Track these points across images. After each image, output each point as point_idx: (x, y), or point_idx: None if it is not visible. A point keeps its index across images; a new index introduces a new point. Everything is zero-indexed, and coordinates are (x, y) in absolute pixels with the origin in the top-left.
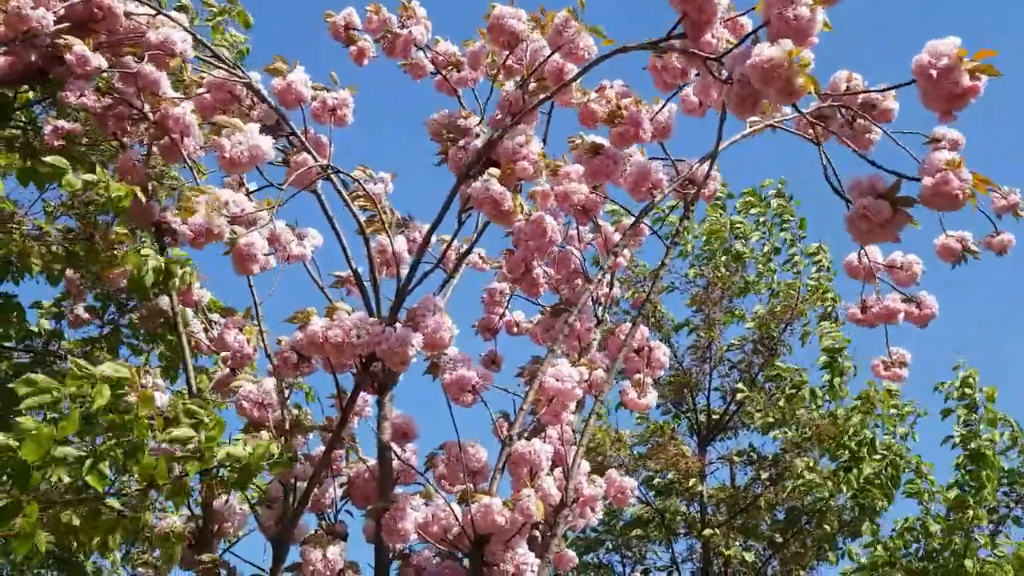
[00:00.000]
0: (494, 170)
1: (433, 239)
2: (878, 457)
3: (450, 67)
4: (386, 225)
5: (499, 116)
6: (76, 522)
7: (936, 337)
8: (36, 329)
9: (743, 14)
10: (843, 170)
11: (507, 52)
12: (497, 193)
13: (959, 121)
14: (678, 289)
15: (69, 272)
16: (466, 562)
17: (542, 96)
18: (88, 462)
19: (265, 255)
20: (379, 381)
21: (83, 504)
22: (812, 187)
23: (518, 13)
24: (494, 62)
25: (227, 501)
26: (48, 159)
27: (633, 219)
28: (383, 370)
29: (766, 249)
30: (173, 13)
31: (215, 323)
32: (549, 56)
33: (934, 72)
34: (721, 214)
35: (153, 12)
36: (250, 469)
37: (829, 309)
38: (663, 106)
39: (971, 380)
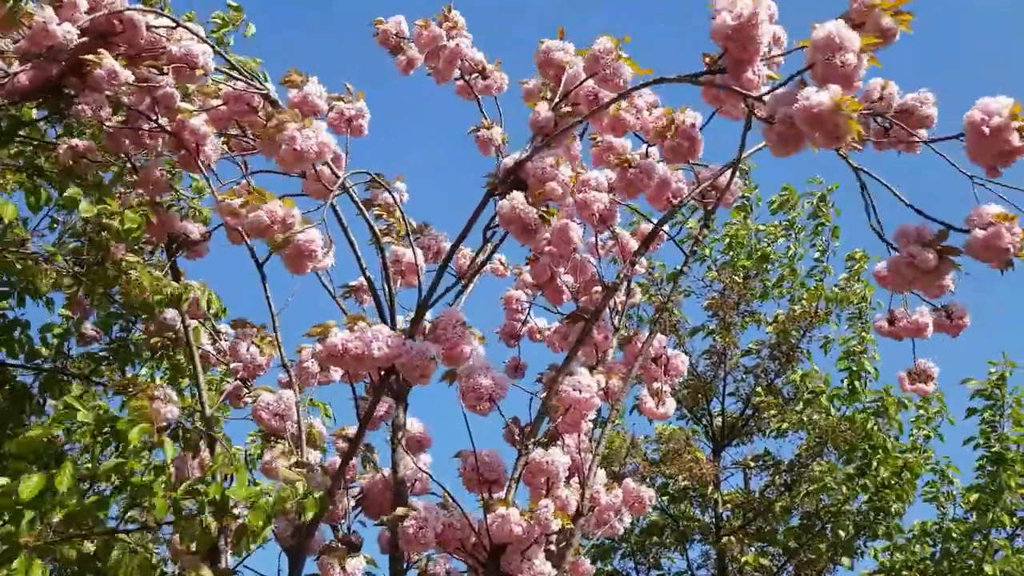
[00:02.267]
0: (518, 193)
1: (466, 251)
2: (894, 458)
3: (475, 74)
4: (400, 235)
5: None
6: (92, 549)
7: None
8: (42, 348)
9: (785, 54)
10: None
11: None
12: (524, 213)
13: None
14: (695, 293)
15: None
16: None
17: (575, 120)
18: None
19: (324, 252)
20: (395, 391)
21: (93, 536)
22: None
23: (565, 46)
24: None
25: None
26: (67, 193)
27: (650, 224)
28: (398, 380)
29: (790, 252)
30: (191, 25)
31: (223, 334)
32: (583, 81)
33: (986, 129)
34: (746, 216)
35: (172, 24)
36: (268, 514)
37: (861, 311)
38: (710, 118)
39: (1005, 375)
